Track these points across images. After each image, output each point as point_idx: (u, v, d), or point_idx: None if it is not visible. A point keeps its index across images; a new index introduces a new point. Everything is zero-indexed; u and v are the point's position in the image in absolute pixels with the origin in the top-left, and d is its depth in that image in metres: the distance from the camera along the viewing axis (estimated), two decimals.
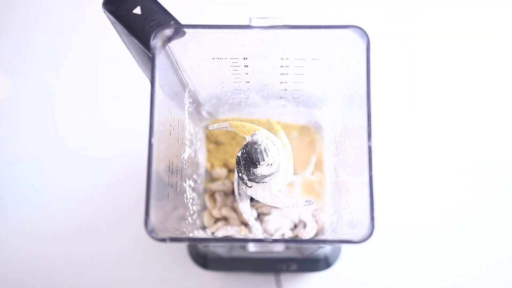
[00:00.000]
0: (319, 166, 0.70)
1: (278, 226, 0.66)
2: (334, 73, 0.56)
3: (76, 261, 0.75)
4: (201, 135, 0.70)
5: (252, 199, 0.62)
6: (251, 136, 0.50)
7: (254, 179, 0.56)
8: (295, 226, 0.67)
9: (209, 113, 0.70)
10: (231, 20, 0.56)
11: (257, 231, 0.65)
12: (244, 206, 0.61)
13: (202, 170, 0.70)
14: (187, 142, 0.60)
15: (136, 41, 0.51)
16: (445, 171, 0.77)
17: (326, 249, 0.71)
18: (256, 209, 0.66)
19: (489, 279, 0.74)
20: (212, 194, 0.68)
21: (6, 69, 0.82)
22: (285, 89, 0.62)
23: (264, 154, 0.52)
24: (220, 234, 0.65)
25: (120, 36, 0.54)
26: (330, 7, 0.84)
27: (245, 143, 0.56)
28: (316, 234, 0.66)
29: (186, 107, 0.60)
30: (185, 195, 0.60)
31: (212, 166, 0.72)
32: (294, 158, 0.61)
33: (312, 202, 0.57)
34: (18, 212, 0.77)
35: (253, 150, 0.52)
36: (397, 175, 0.77)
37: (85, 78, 0.82)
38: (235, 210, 0.67)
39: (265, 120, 0.68)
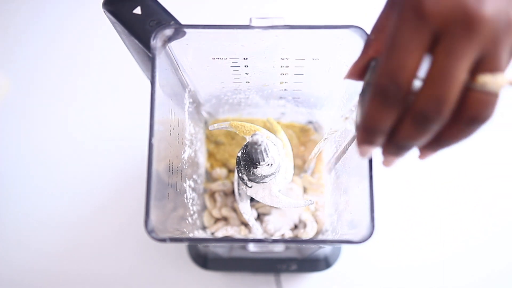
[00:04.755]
0: (319, 166, 0.70)
1: (278, 226, 0.66)
2: (334, 73, 0.56)
3: (76, 261, 0.75)
4: (201, 135, 0.70)
5: (252, 199, 0.62)
6: (251, 136, 0.50)
7: (254, 179, 0.56)
8: (295, 226, 0.67)
9: (209, 113, 0.70)
10: (231, 20, 0.56)
11: (257, 231, 0.65)
12: (244, 206, 0.61)
13: (202, 170, 0.70)
14: (187, 142, 0.60)
15: (136, 41, 0.51)
16: (445, 171, 0.77)
17: (326, 249, 0.71)
18: (256, 209, 0.66)
19: (489, 280, 0.74)
20: (212, 194, 0.68)
21: (6, 69, 0.82)
22: (285, 89, 0.62)
23: (264, 154, 0.52)
24: (220, 234, 0.65)
25: (120, 36, 0.54)
26: (330, 7, 0.84)
27: (245, 143, 0.56)
28: (316, 234, 0.66)
29: (186, 107, 0.60)
30: (185, 195, 0.60)
31: (212, 166, 0.72)
32: (294, 158, 0.61)
33: (312, 202, 0.57)
34: (17, 213, 0.77)
35: (253, 150, 0.52)
36: (398, 175, 0.77)
37: (85, 79, 0.82)
38: (235, 210, 0.67)
39: (265, 120, 0.68)
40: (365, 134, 0.35)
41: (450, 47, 0.31)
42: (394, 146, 0.36)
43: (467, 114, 0.32)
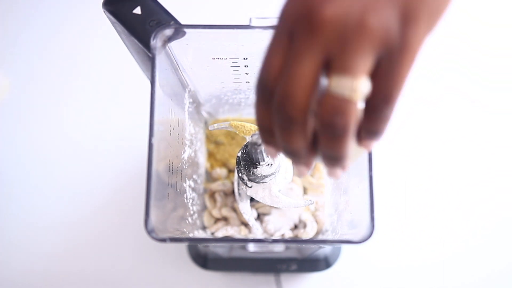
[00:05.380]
0: (319, 166, 0.70)
1: (278, 226, 0.66)
2: None
3: (76, 261, 0.75)
4: (201, 135, 0.70)
5: (252, 199, 0.62)
6: (251, 136, 0.50)
7: (254, 179, 0.55)
8: (295, 226, 0.67)
9: (209, 113, 0.70)
10: (231, 20, 0.56)
11: (257, 231, 0.65)
12: (244, 206, 0.61)
13: (202, 170, 0.70)
14: (187, 142, 0.60)
15: (136, 41, 0.51)
16: (445, 172, 0.77)
17: (326, 249, 0.71)
18: (256, 209, 0.66)
19: (489, 280, 0.74)
20: (212, 194, 0.68)
21: (6, 69, 0.82)
22: None
23: (264, 154, 0.52)
24: (220, 234, 0.65)
25: (120, 36, 0.54)
26: None
27: (245, 143, 0.56)
28: (316, 234, 0.66)
29: (186, 107, 0.60)
30: (185, 195, 0.60)
31: (212, 166, 0.72)
32: None
33: (312, 202, 0.57)
34: (17, 214, 0.77)
35: (253, 150, 0.52)
36: (398, 175, 0.77)
37: (85, 79, 0.82)
38: (235, 210, 0.67)
39: None
40: (259, 131, 0.36)
41: (295, 46, 0.32)
42: (284, 151, 0.35)
43: (320, 118, 0.32)
